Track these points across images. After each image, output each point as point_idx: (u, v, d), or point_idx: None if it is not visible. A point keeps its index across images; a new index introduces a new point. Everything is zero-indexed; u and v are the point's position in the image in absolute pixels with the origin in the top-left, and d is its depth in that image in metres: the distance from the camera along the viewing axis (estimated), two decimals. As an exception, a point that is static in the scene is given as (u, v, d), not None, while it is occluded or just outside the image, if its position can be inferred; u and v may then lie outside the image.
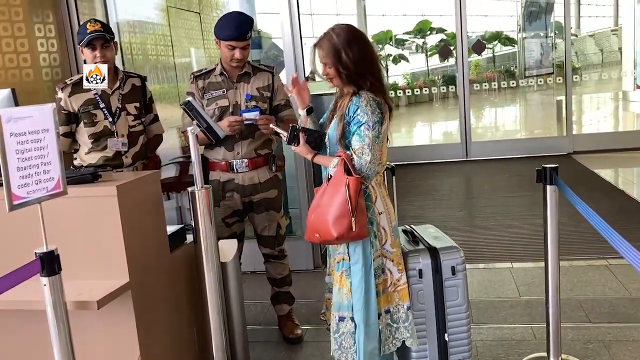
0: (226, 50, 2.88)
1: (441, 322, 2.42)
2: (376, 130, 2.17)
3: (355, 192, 2.12)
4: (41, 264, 1.66)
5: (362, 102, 2.17)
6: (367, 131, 2.16)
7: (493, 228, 4.93)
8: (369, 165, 2.17)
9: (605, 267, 3.82)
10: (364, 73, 2.20)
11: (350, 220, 2.12)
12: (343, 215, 2.13)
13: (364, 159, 2.16)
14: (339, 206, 2.14)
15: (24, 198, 1.66)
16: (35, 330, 2.19)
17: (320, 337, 3.19)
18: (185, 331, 2.51)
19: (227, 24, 2.85)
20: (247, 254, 3.24)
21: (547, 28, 9.82)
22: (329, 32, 2.24)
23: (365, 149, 2.16)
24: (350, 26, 2.28)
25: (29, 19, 3.80)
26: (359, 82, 2.21)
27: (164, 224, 2.38)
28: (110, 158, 2.96)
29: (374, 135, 2.16)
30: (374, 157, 2.18)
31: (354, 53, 2.19)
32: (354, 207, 2.11)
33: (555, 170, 2.48)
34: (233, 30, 2.83)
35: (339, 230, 2.14)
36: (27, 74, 3.78)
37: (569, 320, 3.13)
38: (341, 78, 2.24)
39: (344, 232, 2.14)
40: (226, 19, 2.90)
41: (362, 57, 2.21)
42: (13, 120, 1.64)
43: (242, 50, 2.87)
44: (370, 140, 2.16)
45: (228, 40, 2.84)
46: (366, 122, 2.15)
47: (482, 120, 11.97)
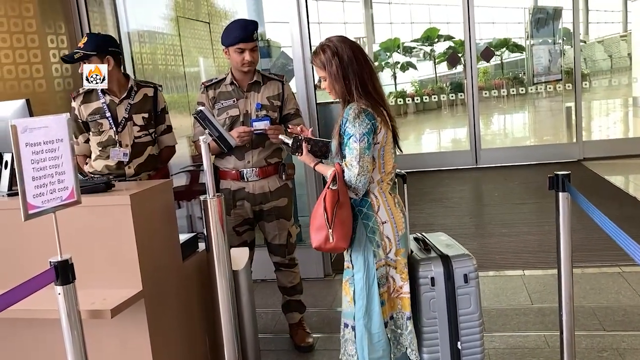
0: (236, 55, 2.90)
1: (454, 330, 2.41)
2: (365, 142, 2.15)
3: (330, 205, 2.14)
4: (55, 272, 1.68)
5: (351, 114, 2.17)
6: (355, 143, 2.15)
7: (504, 235, 4.91)
8: (358, 177, 2.17)
9: (619, 274, 3.79)
10: (351, 84, 2.21)
11: (327, 232, 2.16)
12: (321, 226, 2.17)
13: (353, 172, 2.17)
14: (319, 217, 2.18)
15: (39, 207, 1.67)
16: (49, 339, 2.20)
17: (331, 345, 3.18)
18: (197, 339, 2.51)
19: (233, 29, 2.90)
20: (258, 262, 3.24)
21: (556, 34, 9.80)
22: (318, 48, 2.28)
23: (353, 161, 2.16)
24: (339, 38, 2.28)
25: (42, 30, 3.84)
26: (349, 94, 2.23)
27: (177, 233, 2.39)
28: (113, 167, 2.97)
29: (363, 147, 2.15)
30: (363, 169, 2.16)
31: (342, 65, 2.21)
32: (329, 220, 2.14)
33: (567, 177, 2.46)
34: (239, 32, 2.86)
35: (317, 241, 2.20)
36: (40, 85, 3.83)
37: (582, 328, 3.10)
38: (335, 90, 2.26)
39: (322, 243, 2.19)
40: (230, 26, 2.94)
41: (349, 68, 2.21)
42: (28, 130, 1.65)
43: (251, 53, 2.89)
44: (358, 152, 2.15)
45: (236, 44, 2.87)
46: (354, 135, 2.15)
47: (491, 127, 11.93)
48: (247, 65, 2.92)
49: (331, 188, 2.16)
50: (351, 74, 2.21)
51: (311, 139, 2.37)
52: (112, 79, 2.90)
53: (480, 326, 2.44)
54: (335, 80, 2.24)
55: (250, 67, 2.95)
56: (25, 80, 3.75)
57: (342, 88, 2.23)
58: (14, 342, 2.35)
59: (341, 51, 2.22)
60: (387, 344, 2.28)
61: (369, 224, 2.25)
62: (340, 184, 2.19)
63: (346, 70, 2.21)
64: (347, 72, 2.21)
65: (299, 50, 4.08)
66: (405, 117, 13.47)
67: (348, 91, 2.22)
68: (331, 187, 2.17)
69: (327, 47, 2.24)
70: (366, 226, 2.25)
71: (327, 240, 2.17)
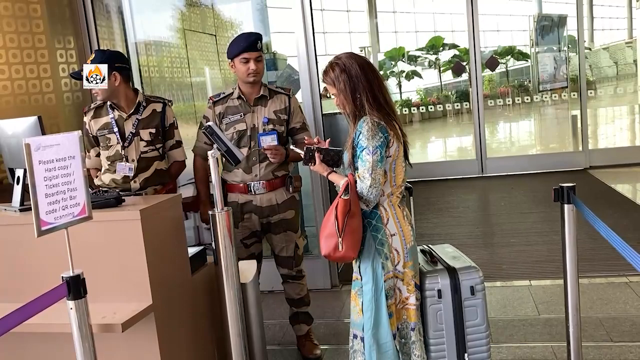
0: (241, 66, 2.94)
1: (461, 342, 2.42)
2: (378, 154, 2.19)
3: (342, 214, 2.18)
4: (67, 287, 1.70)
5: (364, 126, 2.21)
6: (368, 156, 2.19)
7: (510, 245, 4.91)
8: (370, 189, 2.20)
9: (626, 284, 3.79)
10: (362, 98, 2.25)
11: (337, 240, 2.19)
12: (332, 234, 2.21)
13: (365, 184, 2.20)
14: (330, 225, 2.22)
15: (51, 223, 1.71)
16: (61, 353, 2.23)
17: (339, 356, 3.19)
18: (206, 352, 2.53)
19: (237, 41, 2.96)
20: (265, 273, 3.26)
21: (560, 42, 9.81)
22: (327, 66, 2.33)
23: (366, 173, 2.20)
24: (347, 54, 2.33)
25: (51, 45, 3.90)
26: (361, 108, 2.27)
27: (186, 247, 2.42)
28: (119, 181, 3.00)
29: (376, 159, 2.19)
30: (375, 181, 2.20)
31: (351, 81, 2.26)
32: (340, 228, 2.18)
33: (572, 189, 2.48)
34: (243, 43, 2.92)
35: (326, 249, 2.24)
36: (50, 99, 3.88)
37: (589, 339, 3.10)
38: (346, 106, 2.31)
39: (331, 251, 2.22)
40: (235, 39, 3.00)
41: (359, 83, 2.25)
42: (41, 148, 1.69)
43: (256, 62, 2.94)
44: (371, 164, 2.19)
45: (240, 54, 2.92)
46: (367, 147, 2.19)
47: (496, 135, 11.93)
48: (253, 75, 2.95)
49: (343, 197, 2.19)
50: (360, 89, 2.25)
51: (323, 149, 2.39)
52: (119, 95, 2.94)
53: (487, 338, 2.45)
54: (345, 97, 2.29)
55: (256, 77, 2.98)
56: (35, 95, 3.80)
57: (352, 103, 2.28)
58: (26, 356, 2.38)
59: (349, 67, 2.26)
60: (395, 355, 2.30)
61: (377, 236, 2.27)
62: (352, 194, 2.21)
63: (355, 85, 2.25)
64: (357, 87, 2.25)
65: (304, 61, 4.11)
66: (410, 126, 13.49)
67: (360, 105, 2.27)
68: (343, 197, 2.19)
69: (336, 65, 2.29)
70: (375, 238, 2.27)
71: (337, 249, 2.21)
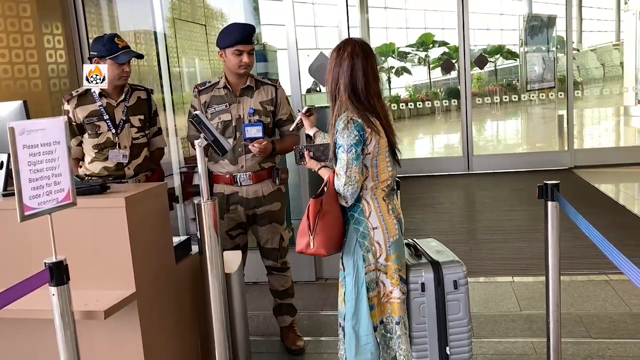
0: (233, 57, 2.90)
1: (443, 335, 2.44)
2: (353, 152, 2.19)
3: (313, 214, 2.22)
4: (50, 273, 1.69)
5: (341, 124, 2.22)
6: (343, 154, 2.20)
7: (494, 242, 4.95)
8: (345, 187, 2.21)
9: (606, 282, 3.84)
10: (341, 94, 2.25)
11: (309, 238, 2.24)
12: (304, 232, 2.27)
13: (340, 181, 2.22)
14: (303, 223, 2.27)
15: (35, 209, 1.69)
16: (43, 339, 2.22)
17: (322, 348, 3.21)
18: (189, 341, 2.53)
19: (231, 31, 2.92)
20: (250, 265, 3.26)
21: (549, 42, 9.89)
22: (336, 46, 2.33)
23: (341, 171, 2.21)
24: (358, 39, 2.34)
25: (39, 30, 3.85)
26: (339, 104, 2.27)
27: (170, 236, 2.41)
28: (112, 169, 2.99)
29: (350, 157, 2.19)
30: (350, 179, 2.20)
31: (339, 62, 2.27)
32: (311, 227, 2.23)
33: (556, 186, 2.50)
34: (238, 34, 2.89)
35: (299, 246, 2.31)
36: (36, 85, 3.83)
37: (569, 335, 3.15)
38: (328, 84, 2.33)
39: (303, 247, 2.29)
40: (228, 28, 2.96)
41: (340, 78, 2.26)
42: (26, 133, 1.67)
43: (249, 55, 2.92)
44: (346, 162, 2.20)
45: (234, 46, 2.88)
46: (342, 145, 2.20)
47: (483, 133, 12.01)
48: (244, 67, 2.93)
49: (316, 198, 2.23)
50: (344, 74, 2.25)
51: (311, 145, 2.44)
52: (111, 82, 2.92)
53: (469, 332, 2.47)
54: (329, 75, 2.31)
55: (247, 69, 2.97)
56: (21, 80, 3.76)
57: (331, 85, 2.29)
58: (7, 341, 2.36)
59: (347, 50, 2.26)
60: (375, 347, 2.31)
61: (359, 228, 2.28)
62: (329, 191, 2.24)
63: (339, 69, 2.26)
64: (339, 84, 2.26)
65: (294, 53, 4.11)
66: (399, 122, 13.52)
67: (335, 90, 2.28)
68: (316, 197, 2.23)
69: (341, 44, 2.30)
70: (357, 231, 2.29)
71: (308, 246, 2.27)
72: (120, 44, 2.93)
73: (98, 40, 2.96)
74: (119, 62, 2.91)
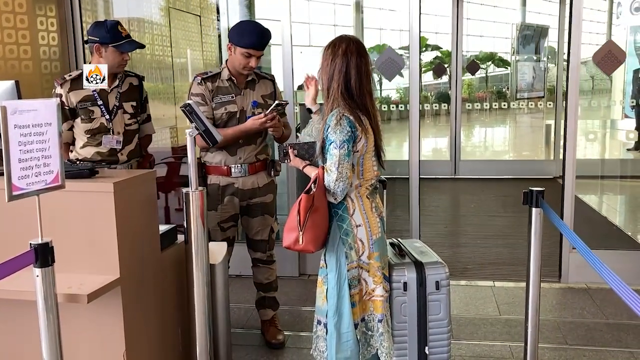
0: (241, 58, 2.89)
1: (422, 335, 2.47)
2: (345, 148, 2.20)
3: (304, 209, 2.21)
4: (35, 255, 1.69)
5: (333, 120, 2.23)
6: (335, 150, 2.21)
7: (477, 246, 5.00)
8: (336, 182, 2.22)
9: (585, 290, 3.90)
10: (334, 91, 2.26)
11: (298, 234, 2.23)
12: (293, 228, 2.25)
13: (331, 177, 2.22)
14: (292, 219, 2.26)
15: (23, 189, 1.69)
16: (24, 320, 2.21)
17: (302, 343, 3.23)
18: (170, 330, 2.53)
19: (249, 33, 2.87)
20: (234, 257, 3.26)
21: (541, 52, 9.97)
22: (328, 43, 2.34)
23: (332, 167, 2.22)
24: (352, 36, 2.34)
25: (32, 11, 3.82)
26: (332, 100, 2.28)
27: (157, 223, 2.41)
28: (105, 154, 2.99)
29: (343, 153, 2.20)
30: (341, 174, 2.21)
31: (328, 71, 2.29)
32: (302, 223, 2.21)
33: (541, 193, 2.54)
34: (255, 39, 2.86)
35: (287, 241, 2.29)
36: (27, 66, 3.80)
37: (546, 341, 3.19)
38: (322, 82, 2.34)
39: (291, 243, 2.27)
40: (247, 28, 2.92)
41: (335, 75, 2.27)
42: (18, 112, 1.67)
43: (256, 60, 2.91)
44: (338, 158, 2.20)
45: (247, 48, 2.86)
46: (334, 141, 2.21)
47: (471, 139, 12.08)
48: (248, 70, 2.94)
49: (306, 193, 2.23)
50: (337, 73, 2.26)
51: (296, 144, 2.45)
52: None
53: (448, 333, 2.50)
54: (322, 72, 2.32)
55: (250, 72, 2.98)
56: (12, 61, 3.72)
57: (325, 81, 2.30)
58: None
59: (342, 47, 2.27)
60: (355, 344, 2.32)
61: (343, 225, 2.30)
62: (318, 188, 2.25)
63: (330, 77, 2.27)
64: (332, 79, 2.27)
65: (288, 49, 4.11)
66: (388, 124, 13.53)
67: (330, 99, 2.28)
68: (307, 193, 2.23)
69: (335, 40, 2.31)
70: (340, 228, 2.30)
71: (297, 242, 2.25)
72: (124, 33, 2.94)
73: (100, 26, 2.95)
74: (122, 51, 2.91)
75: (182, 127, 5.29)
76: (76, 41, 4.15)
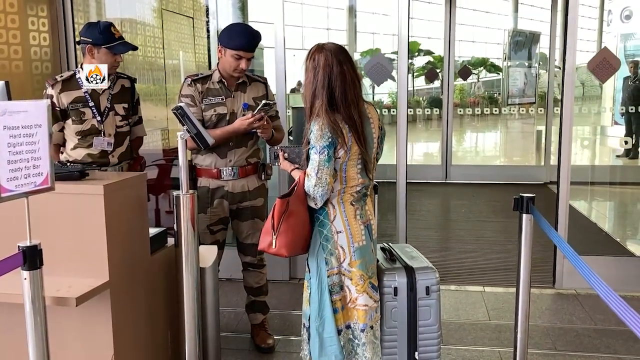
0: (232, 60, 2.89)
1: (412, 340, 2.47)
2: (325, 154, 2.18)
3: (278, 213, 2.21)
4: (23, 257, 1.68)
5: (315, 125, 2.20)
6: (315, 155, 2.19)
7: (468, 251, 5.01)
8: (315, 188, 2.20)
9: (574, 296, 3.91)
10: (317, 109, 2.22)
11: (272, 238, 2.24)
12: (268, 231, 2.26)
13: (310, 182, 2.20)
14: (268, 222, 2.26)
15: (12, 191, 1.67)
16: (12, 324, 2.18)
17: (291, 347, 3.22)
18: (159, 334, 2.52)
19: (238, 34, 2.88)
20: (224, 261, 3.25)
21: (532, 58, 10.03)
22: (309, 52, 2.31)
23: (312, 172, 2.20)
24: (332, 45, 2.29)
25: (23, 11, 3.79)
26: (313, 107, 2.25)
27: (147, 226, 2.40)
28: (96, 156, 2.98)
29: (322, 159, 2.18)
30: (320, 180, 2.18)
31: (309, 77, 2.26)
32: (275, 227, 2.22)
33: (531, 199, 2.55)
34: (245, 41, 2.86)
35: (261, 244, 2.30)
36: (17, 66, 3.77)
37: (535, 346, 3.20)
38: (305, 93, 2.30)
39: (266, 246, 2.29)
40: (237, 29, 2.92)
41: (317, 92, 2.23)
42: (8, 114, 1.66)
43: (247, 61, 2.91)
44: (317, 163, 2.18)
45: (237, 50, 2.86)
46: (315, 146, 2.19)
47: (463, 144, 12.12)
48: (239, 72, 2.94)
49: (281, 198, 2.22)
50: (319, 89, 2.22)
51: (287, 147, 2.44)
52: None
53: (438, 338, 2.50)
54: (305, 88, 2.28)
55: (241, 74, 2.98)
56: (2, 61, 3.69)
57: (309, 101, 2.26)
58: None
59: (321, 61, 2.23)
60: (339, 350, 2.29)
61: (323, 231, 2.29)
62: (298, 192, 2.23)
63: (315, 82, 2.23)
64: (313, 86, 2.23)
65: (281, 52, 4.11)
66: (380, 128, 13.55)
67: (312, 106, 2.24)
68: (282, 197, 2.22)
69: (316, 49, 2.27)
70: (320, 233, 2.29)
71: (270, 245, 2.26)
72: (117, 34, 2.94)
73: (93, 27, 2.93)
74: (115, 52, 2.90)
75: (174, 129, 5.27)
76: (67, 42, 4.13)
